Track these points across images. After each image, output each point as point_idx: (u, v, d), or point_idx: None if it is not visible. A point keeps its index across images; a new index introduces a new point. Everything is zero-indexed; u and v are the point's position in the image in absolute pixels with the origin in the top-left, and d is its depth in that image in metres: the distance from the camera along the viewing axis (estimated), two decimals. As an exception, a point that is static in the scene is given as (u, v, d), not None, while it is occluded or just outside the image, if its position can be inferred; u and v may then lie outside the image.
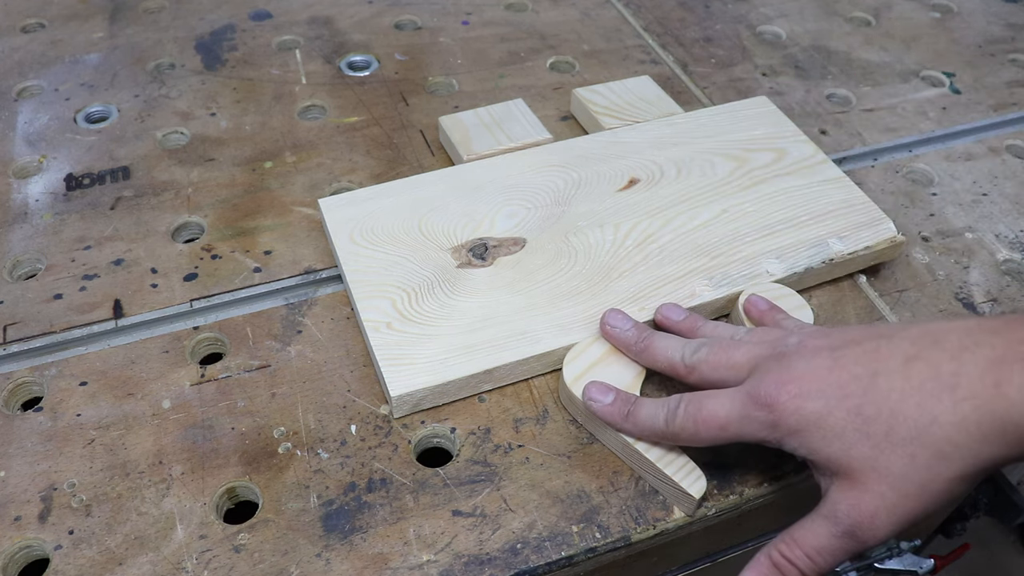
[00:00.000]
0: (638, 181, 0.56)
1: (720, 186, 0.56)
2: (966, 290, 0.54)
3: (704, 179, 0.56)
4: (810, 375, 0.36)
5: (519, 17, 0.78)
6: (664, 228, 0.53)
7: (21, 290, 0.52)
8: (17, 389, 0.47)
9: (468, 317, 0.48)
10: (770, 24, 0.78)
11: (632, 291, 0.49)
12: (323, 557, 0.40)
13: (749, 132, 0.60)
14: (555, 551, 0.40)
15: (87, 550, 0.40)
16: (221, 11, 0.77)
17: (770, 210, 0.54)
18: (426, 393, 0.45)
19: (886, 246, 0.53)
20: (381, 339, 0.46)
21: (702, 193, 0.55)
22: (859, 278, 0.54)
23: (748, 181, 0.56)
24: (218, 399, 0.46)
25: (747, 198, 0.55)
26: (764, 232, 0.53)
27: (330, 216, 0.53)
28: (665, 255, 0.51)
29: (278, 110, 0.66)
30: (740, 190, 0.55)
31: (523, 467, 0.43)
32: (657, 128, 0.60)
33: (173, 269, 0.53)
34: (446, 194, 0.55)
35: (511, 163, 0.57)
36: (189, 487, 0.42)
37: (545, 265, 0.51)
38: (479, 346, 0.46)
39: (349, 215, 0.53)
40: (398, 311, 0.48)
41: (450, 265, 0.50)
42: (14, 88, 0.68)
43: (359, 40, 0.74)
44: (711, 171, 0.57)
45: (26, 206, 0.58)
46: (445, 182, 0.56)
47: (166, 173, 0.60)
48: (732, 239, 0.52)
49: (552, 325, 0.47)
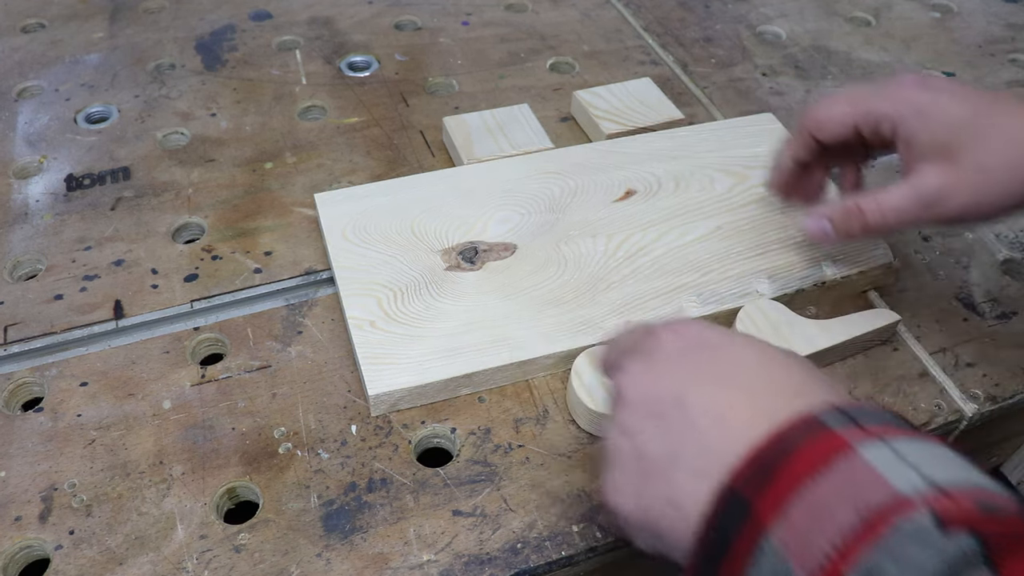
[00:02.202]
0: (635, 192, 0.56)
1: (717, 202, 0.55)
2: (966, 290, 0.54)
3: (702, 194, 0.56)
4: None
5: (519, 17, 0.78)
6: (657, 242, 0.52)
7: (22, 291, 0.52)
8: (18, 389, 0.47)
9: (453, 320, 0.48)
10: (770, 24, 0.78)
11: (618, 303, 0.49)
12: (323, 557, 0.40)
13: (752, 149, 0.59)
14: (555, 551, 0.40)
15: (87, 550, 0.40)
16: (221, 11, 0.77)
17: (765, 229, 0.54)
18: (404, 394, 0.45)
19: (879, 272, 0.52)
20: (364, 337, 0.46)
21: (699, 208, 0.55)
22: (859, 278, 0.54)
23: (746, 198, 0.56)
24: (218, 399, 0.46)
25: (743, 216, 0.54)
26: (758, 251, 0.52)
27: (325, 211, 0.53)
28: (656, 269, 0.51)
29: (278, 111, 0.66)
30: (737, 207, 0.55)
31: (523, 467, 0.43)
32: (658, 140, 0.60)
33: (173, 270, 0.53)
34: (442, 195, 0.55)
35: (509, 168, 0.57)
36: (189, 487, 0.42)
37: (533, 272, 0.50)
38: (461, 350, 0.46)
39: (344, 211, 0.53)
40: (383, 310, 0.48)
41: (439, 267, 0.50)
42: (14, 88, 0.68)
43: (359, 40, 0.74)
44: (710, 186, 0.56)
45: (26, 206, 0.58)
46: (443, 183, 0.56)
47: (166, 174, 0.60)
48: (725, 256, 0.52)
49: (536, 333, 0.47)
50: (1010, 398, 0.48)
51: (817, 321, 0.49)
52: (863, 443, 0.28)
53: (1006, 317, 0.53)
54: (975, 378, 0.49)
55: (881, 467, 0.27)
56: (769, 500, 0.28)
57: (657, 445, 0.32)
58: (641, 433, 0.33)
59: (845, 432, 0.29)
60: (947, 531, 0.25)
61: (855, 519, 0.26)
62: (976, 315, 0.53)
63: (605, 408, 0.43)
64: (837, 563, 0.26)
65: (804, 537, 0.27)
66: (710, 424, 0.31)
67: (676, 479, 0.31)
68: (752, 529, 0.28)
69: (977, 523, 0.26)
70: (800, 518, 0.27)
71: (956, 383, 0.49)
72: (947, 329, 0.52)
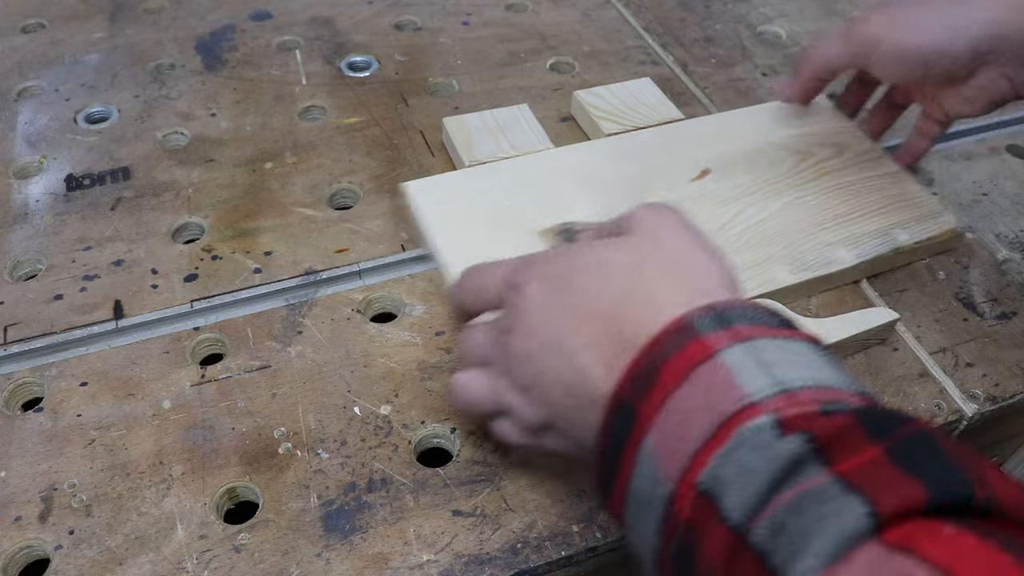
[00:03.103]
0: (709, 172, 0.57)
1: (786, 178, 0.57)
2: (966, 290, 0.54)
3: (772, 170, 0.58)
4: None
5: (519, 18, 0.78)
6: (737, 217, 0.54)
7: (21, 291, 0.52)
8: (17, 389, 0.47)
9: None
10: (770, 24, 0.79)
11: None
12: (323, 557, 0.40)
13: (810, 127, 0.61)
14: (555, 551, 0.40)
15: (87, 550, 0.40)
16: (221, 11, 0.77)
17: (835, 202, 0.56)
18: None
19: (947, 236, 0.55)
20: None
21: (770, 184, 0.57)
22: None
23: (812, 174, 0.58)
24: (218, 399, 0.46)
25: (812, 190, 0.57)
26: (832, 222, 0.54)
27: (421, 198, 0.54)
28: (741, 242, 0.53)
29: (278, 111, 0.66)
30: (805, 182, 0.57)
31: (523, 467, 0.43)
32: (722, 121, 0.62)
33: (173, 270, 0.54)
34: (530, 180, 0.56)
35: (586, 152, 0.59)
36: (189, 487, 0.42)
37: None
38: None
39: (439, 198, 0.55)
40: None
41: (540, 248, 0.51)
42: (14, 88, 0.68)
43: (359, 40, 0.74)
44: (778, 163, 0.58)
45: (26, 206, 0.58)
46: (526, 169, 0.57)
47: (166, 174, 0.60)
48: (803, 229, 0.54)
49: None
50: (1010, 398, 0.48)
51: (816, 319, 0.49)
52: (726, 348, 0.29)
53: (1006, 317, 0.53)
54: (975, 378, 0.49)
55: (736, 372, 0.28)
56: (648, 408, 0.29)
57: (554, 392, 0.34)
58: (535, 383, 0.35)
59: (712, 337, 0.30)
60: (784, 434, 0.26)
61: (708, 426, 0.28)
62: (976, 315, 0.53)
63: None
64: (691, 470, 0.27)
65: (670, 444, 0.28)
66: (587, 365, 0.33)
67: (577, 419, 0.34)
68: (636, 435, 0.30)
69: (814, 424, 0.26)
70: (669, 426, 0.29)
71: (956, 383, 0.49)
72: (947, 329, 0.52)
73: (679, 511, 0.27)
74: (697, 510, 0.27)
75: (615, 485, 0.31)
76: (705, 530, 0.26)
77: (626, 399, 0.31)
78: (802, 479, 0.25)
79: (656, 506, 0.28)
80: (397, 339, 0.50)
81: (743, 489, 0.26)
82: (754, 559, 0.24)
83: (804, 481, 0.25)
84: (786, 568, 0.23)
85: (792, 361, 0.29)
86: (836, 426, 0.26)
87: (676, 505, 0.27)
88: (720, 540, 0.25)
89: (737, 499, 0.26)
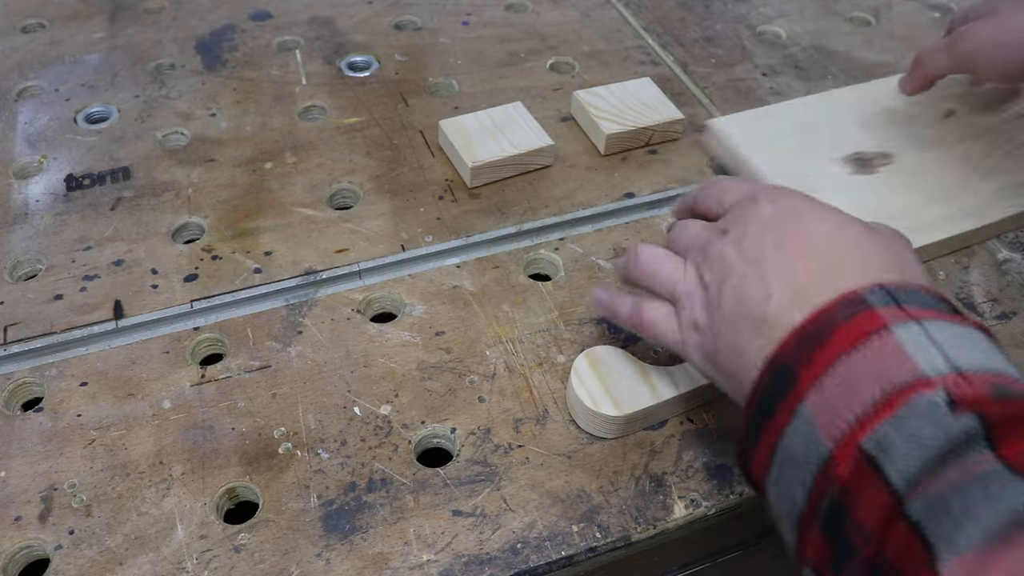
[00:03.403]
0: (954, 112, 0.64)
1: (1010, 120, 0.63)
2: (966, 290, 0.54)
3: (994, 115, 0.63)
4: None
5: (519, 17, 0.78)
6: (993, 144, 0.61)
7: (21, 291, 0.52)
8: (17, 389, 0.47)
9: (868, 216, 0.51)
10: (770, 24, 0.78)
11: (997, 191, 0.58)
12: (323, 557, 0.40)
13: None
14: (555, 551, 0.40)
15: (87, 550, 0.40)
16: (221, 11, 0.77)
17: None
18: None
19: None
20: None
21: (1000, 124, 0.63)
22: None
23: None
24: (218, 399, 0.46)
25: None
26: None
27: (730, 131, 0.61)
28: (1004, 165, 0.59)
29: (278, 111, 0.66)
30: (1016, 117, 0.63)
31: (523, 467, 0.44)
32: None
33: (173, 270, 0.54)
34: (812, 121, 0.63)
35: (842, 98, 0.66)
36: (189, 487, 0.42)
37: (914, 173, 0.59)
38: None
39: (745, 130, 0.61)
40: None
41: (842, 174, 0.59)
42: (14, 88, 0.68)
43: (359, 40, 0.74)
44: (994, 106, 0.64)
45: (26, 206, 0.58)
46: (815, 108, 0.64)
47: (166, 174, 0.60)
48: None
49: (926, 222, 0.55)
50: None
51: None
52: (899, 324, 0.30)
53: (1006, 317, 0.53)
54: (975, 378, 0.49)
55: (910, 347, 0.29)
56: (810, 371, 0.31)
57: (729, 298, 0.36)
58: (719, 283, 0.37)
59: (885, 312, 0.31)
60: (956, 411, 0.27)
61: (878, 394, 0.29)
62: (976, 315, 0.53)
63: (604, 409, 0.43)
64: (856, 432, 0.28)
65: (832, 407, 0.29)
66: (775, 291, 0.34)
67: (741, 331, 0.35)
68: (793, 395, 0.31)
69: (986, 406, 0.27)
70: (832, 389, 0.30)
71: (956, 383, 0.49)
72: (947, 329, 0.52)
73: (838, 471, 0.28)
74: (858, 472, 0.28)
75: (761, 440, 0.32)
76: (863, 492, 0.27)
77: (787, 359, 0.32)
78: (969, 457, 0.26)
79: (810, 464, 0.29)
80: (397, 339, 0.50)
81: (908, 456, 0.27)
82: (908, 528, 0.25)
83: (970, 459, 0.26)
84: (944, 541, 0.24)
85: (963, 345, 0.30)
86: (1009, 411, 0.27)
87: (835, 465, 0.28)
88: (878, 503, 0.27)
89: (902, 466, 0.27)
